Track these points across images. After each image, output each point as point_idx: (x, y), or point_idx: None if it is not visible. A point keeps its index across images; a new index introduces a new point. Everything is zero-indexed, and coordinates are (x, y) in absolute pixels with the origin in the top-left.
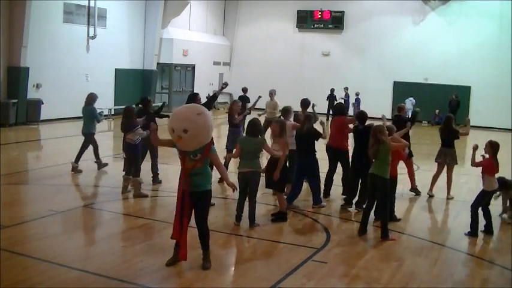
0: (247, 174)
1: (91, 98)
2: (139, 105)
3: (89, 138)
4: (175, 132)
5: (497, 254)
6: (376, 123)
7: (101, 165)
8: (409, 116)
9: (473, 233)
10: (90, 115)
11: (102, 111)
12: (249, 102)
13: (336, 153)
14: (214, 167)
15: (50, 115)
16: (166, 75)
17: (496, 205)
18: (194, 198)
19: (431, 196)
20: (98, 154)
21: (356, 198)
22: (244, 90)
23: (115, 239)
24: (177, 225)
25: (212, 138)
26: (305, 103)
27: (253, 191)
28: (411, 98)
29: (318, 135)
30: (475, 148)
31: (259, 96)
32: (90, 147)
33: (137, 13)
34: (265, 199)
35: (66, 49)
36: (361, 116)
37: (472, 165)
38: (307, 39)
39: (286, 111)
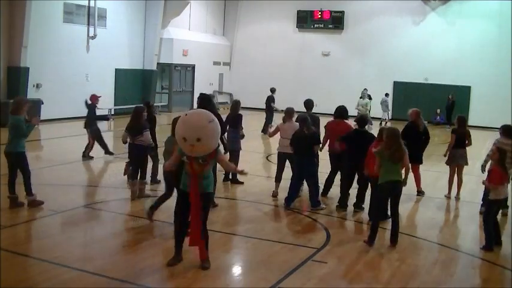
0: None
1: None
2: None
3: None
4: (187, 141)
5: (497, 254)
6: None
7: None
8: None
9: (488, 246)
10: None
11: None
12: (274, 102)
13: (340, 157)
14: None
15: (50, 115)
16: (166, 75)
17: None
18: (200, 200)
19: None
20: None
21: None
22: (272, 90)
23: (115, 239)
24: (197, 229)
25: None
26: (307, 104)
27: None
28: (387, 96)
29: (318, 142)
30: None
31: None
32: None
33: (137, 13)
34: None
35: (66, 49)
36: (362, 120)
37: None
38: (307, 39)
39: (287, 112)
